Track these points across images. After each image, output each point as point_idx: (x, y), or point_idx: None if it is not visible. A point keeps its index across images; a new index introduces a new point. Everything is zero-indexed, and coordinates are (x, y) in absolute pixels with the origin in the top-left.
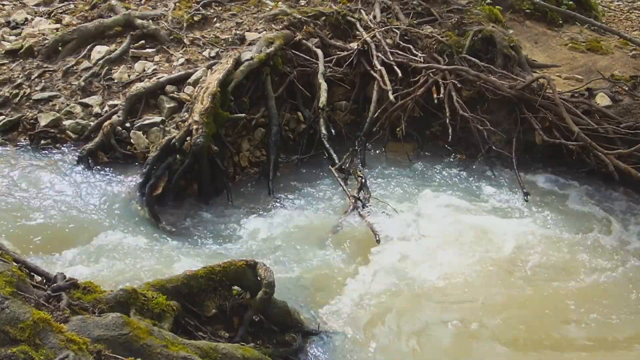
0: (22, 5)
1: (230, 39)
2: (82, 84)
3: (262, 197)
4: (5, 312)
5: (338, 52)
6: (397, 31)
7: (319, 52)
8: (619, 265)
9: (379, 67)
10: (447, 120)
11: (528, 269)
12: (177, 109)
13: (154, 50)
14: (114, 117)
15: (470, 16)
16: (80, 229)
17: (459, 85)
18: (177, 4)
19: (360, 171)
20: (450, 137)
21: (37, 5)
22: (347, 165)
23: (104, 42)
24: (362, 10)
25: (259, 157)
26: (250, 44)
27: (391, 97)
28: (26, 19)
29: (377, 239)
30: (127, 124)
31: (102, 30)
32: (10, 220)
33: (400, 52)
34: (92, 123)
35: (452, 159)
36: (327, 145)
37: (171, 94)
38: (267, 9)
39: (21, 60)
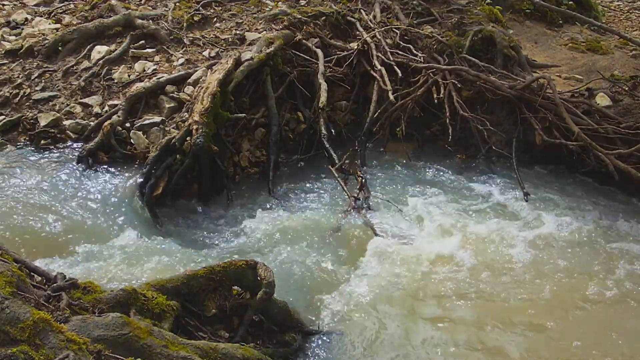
0: (22, 5)
1: (230, 39)
2: (82, 84)
3: (262, 197)
4: (5, 312)
5: (338, 52)
6: (397, 31)
7: (319, 52)
8: (618, 263)
9: (379, 67)
10: (447, 120)
11: (528, 269)
12: (177, 109)
13: (154, 50)
14: (114, 117)
15: (470, 16)
16: (80, 229)
17: (459, 85)
18: (177, 4)
19: (360, 171)
20: (450, 137)
21: (37, 5)
22: (347, 165)
23: (104, 42)
24: (362, 10)
25: (259, 157)
26: (250, 44)
27: (391, 97)
28: (26, 19)
29: (377, 238)
30: (127, 124)
31: (102, 30)
32: (10, 220)
33: (400, 52)
34: (92, 123)
35: (452, 159)
36: (327, 145)
37: (171, 94)
38: (267, 9)
39: (21, 60)
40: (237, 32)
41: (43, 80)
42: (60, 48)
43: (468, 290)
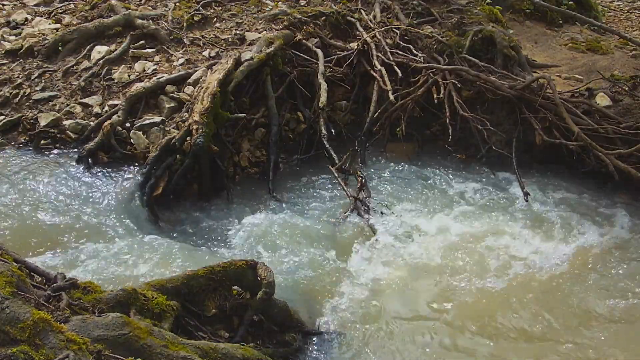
0: (22, 5)
1: (230, 39)
2: (82, 84)
3: (262, 197)
4: (5, 312)
5: (338, 52)
6: (397, 31)
7: (319, 52)
8: (618, 264)
9: (379, 67)
10: (447, 120)
11: (527, 269)
12: (177, 109)
13: (154, 50)
14: (114, 117)
15: (470, 16)
16: (80, 229)
17: (459, 85)
18: (177, 4)
19: (360, 171)
20: (450, 137)
21: (37, 5)
22: (347, 165)
23: (104, 42)
24: (362, 10)
25: (259, 157)
26: (250, 44)
27: (391, 97)
28: (26, 19)
29: (377, 239)
30: (127, 124)
31: (102, 30)
32: (10, 220)
33: (400, 52)
34: (92, 123)
35: (452, 159)
36: (327, 145)
37: (171, 94)
38: (267, 9)
39: (21, 60)
40: (237, 32)
41: (43, 80)
42: (60, 48)
43: (467, 292)
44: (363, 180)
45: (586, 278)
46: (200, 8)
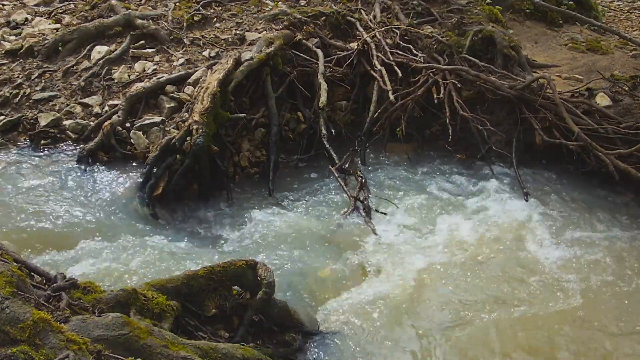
0: (22, 5)
1: (230, 39)
2: (82, 84)
3: (262, 197)
4: (5, 312)
5: (338, 52)
6: (397, 31)
7: (319, 52)
8: (618, 264)
9: (379, 67)
10: (447, 120)
11: (527, 270)
12: (177, 109)
13: (154, 50)
14: (114, 117)
15: (470, 16)
16: (80, 229)
17: (459, 85)
18: (177, 4)
19: (360, 171)
20: (450, 137)
21: (37, 5)
22: (347, 165)
23: (104, 42)
24: (362, 10)
25: (259, 157)
26: (250, 44)
27: (391, 97)
28: (26, 19)
29: (377, 239)
30: (127, 124)
31: (102, 30)
32: (10, 220)
33: (400, 52)
34: (92, 123)
35: (452, 159)
36: (327, 145)
37: (171, 94)
38: (267, 9)
39: (21, 60)
40: (237, 32)
41: (43, 80)
42: (60, 48)
43: (467, 292)
44: (363, 180)
45: (581, 272)
46: (200, 8)
